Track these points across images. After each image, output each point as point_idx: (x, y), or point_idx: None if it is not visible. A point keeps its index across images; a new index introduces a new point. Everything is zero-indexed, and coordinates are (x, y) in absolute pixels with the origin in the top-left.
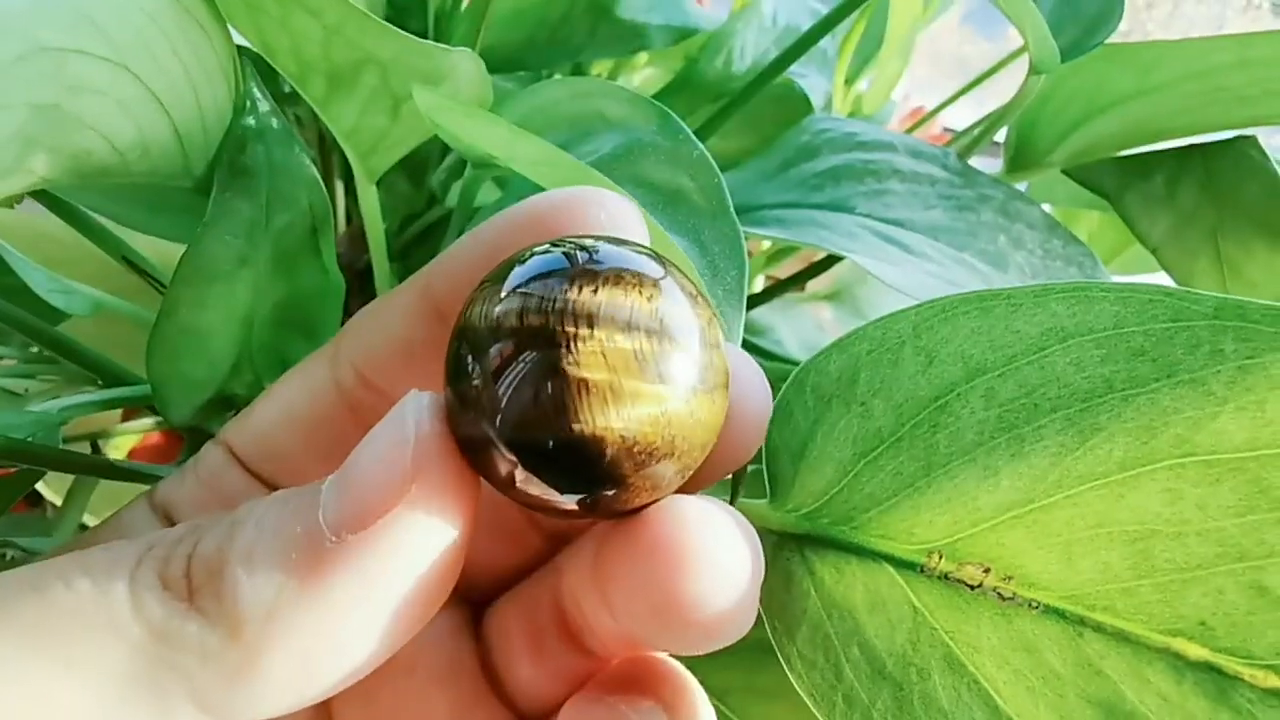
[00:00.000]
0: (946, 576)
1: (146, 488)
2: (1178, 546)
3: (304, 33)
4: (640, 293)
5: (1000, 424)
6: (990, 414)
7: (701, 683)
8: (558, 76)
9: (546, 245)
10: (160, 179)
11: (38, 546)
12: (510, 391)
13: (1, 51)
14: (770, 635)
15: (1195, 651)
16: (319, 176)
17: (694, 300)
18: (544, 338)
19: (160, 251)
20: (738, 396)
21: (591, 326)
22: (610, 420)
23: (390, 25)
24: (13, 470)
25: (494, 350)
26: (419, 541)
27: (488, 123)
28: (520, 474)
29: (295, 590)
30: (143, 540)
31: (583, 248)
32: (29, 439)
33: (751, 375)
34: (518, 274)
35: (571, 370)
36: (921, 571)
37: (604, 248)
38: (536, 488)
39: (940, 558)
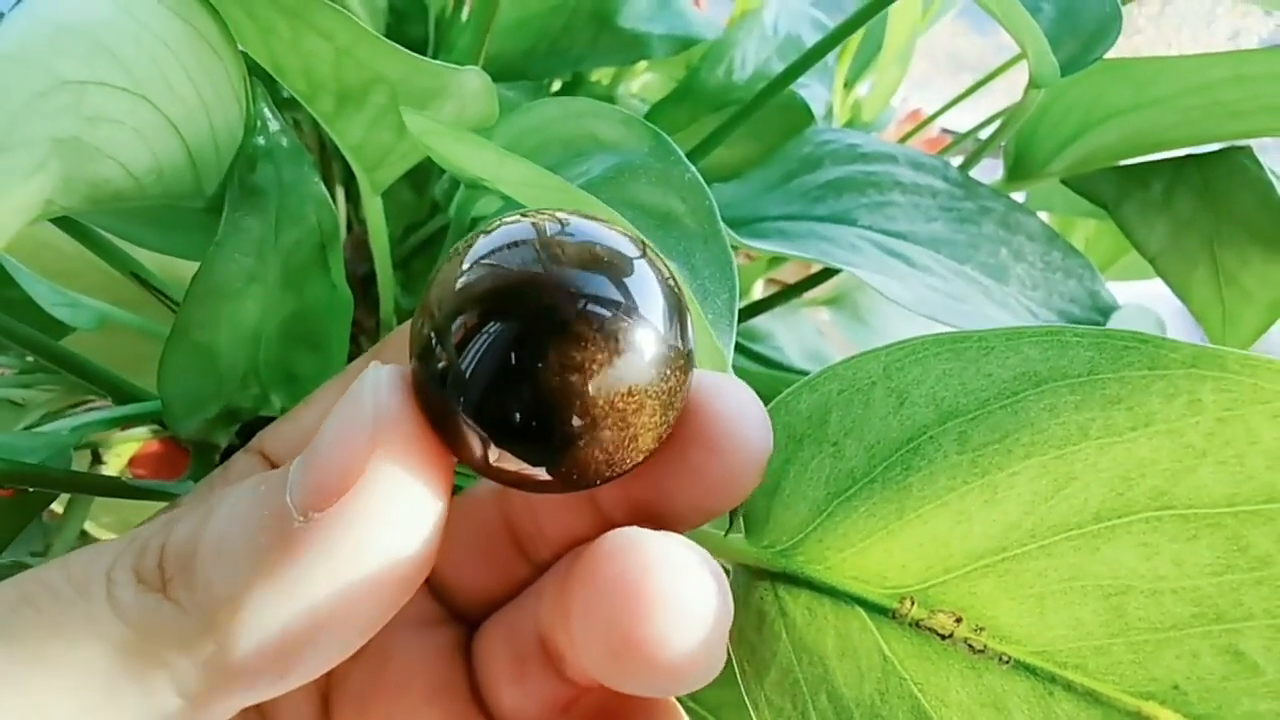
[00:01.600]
0: (918, 624)
1: (159, 504)
2: (1152, 604)
3: (315, 54)
4: (608, 266)
5: (974, 469)
6: (963, 458)
7: (695, 699)
8: (557, 87)
9: (516, 215)
10: (173, 200)
11: None
12: (475, 365)
13: (24, 87)
14: (739, 679)
15: (1167, 717)
16: (327, 194)
17: (664, 280)
18: (508, 310)
19: (163, 264)
20: (739, 432)
21: (556, 300)
22: (576, 391)
23: (399, 46)
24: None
25: (458, 323)
26: (386, 516)
27: (475, 146)
28: (493, 450)
29: (265, 574)
30: (124, 538)
31: (554, 219)
32: (42, 463)
33: (753, 412)
34: (483, 244)
35: (536, 342)
36: (893, 617)
37: (575, 221)
38: (510, 462)
39: (912, 604)
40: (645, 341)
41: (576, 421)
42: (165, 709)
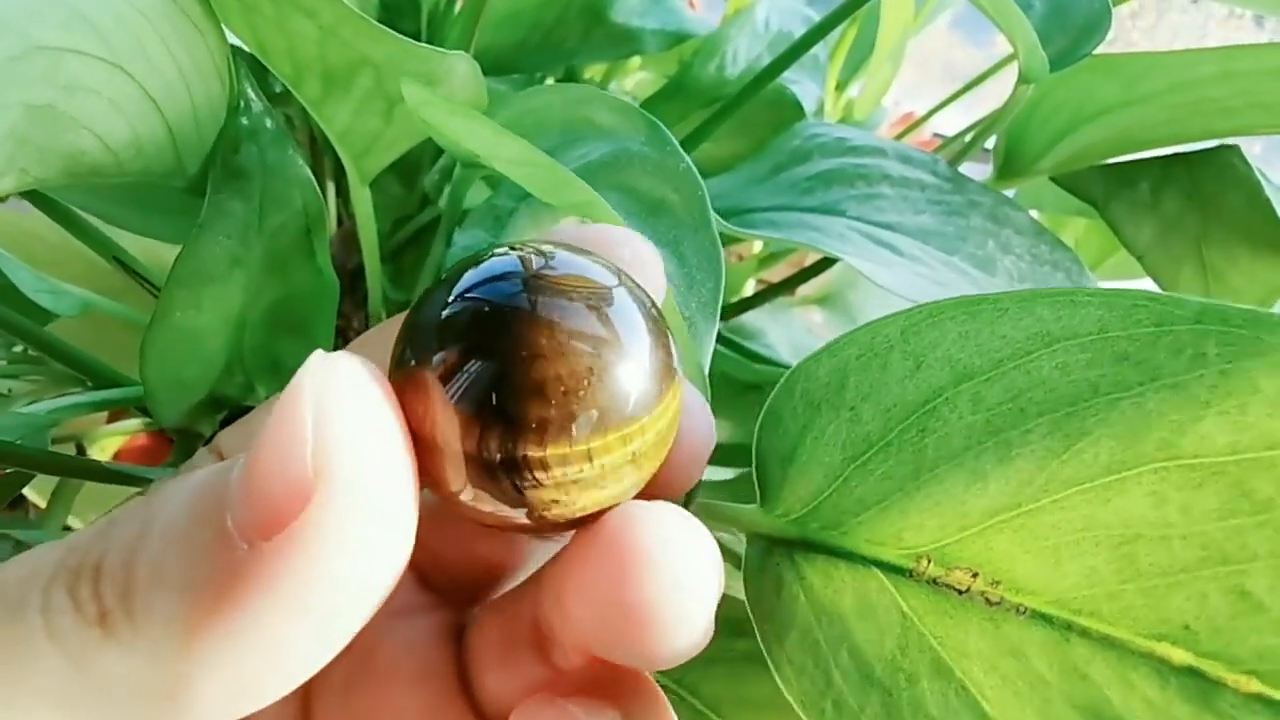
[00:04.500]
0: (935, 581)
1: (134, 490)
2: (1162, 550)
3: (300, 34)
4: (593, 301)
5: (988, 428)
6: (978, 418)
7: (692, 693)
8: (550, 80)
9: (505, 248)
10: (153, 179)
11: (33, 539)
12: (455, 401)
13: None
14: (760, 641)
15: (1179, 656)
16: (312, 177)
17: (646, 310)
18: (492, 345)
19: (148, 251)
20: (682, 428)
21: (541, 334)
22: (560, 432)
23: (386, 28)
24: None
25: (439, 357)
26: (343, 543)
27: (472, 121)
28: (468, 491)
29: (210, 609)
30: (60, 547)
31: (539, 253)
32: (18, 442)
33: (696, 408)
34: (470, 276)
35: (519, 380)
36: (910, 576)
37: (560, 254)
38: (486, 504)
39: (929, 562)
40: (631, 380)
41: (559, 466)
42: None
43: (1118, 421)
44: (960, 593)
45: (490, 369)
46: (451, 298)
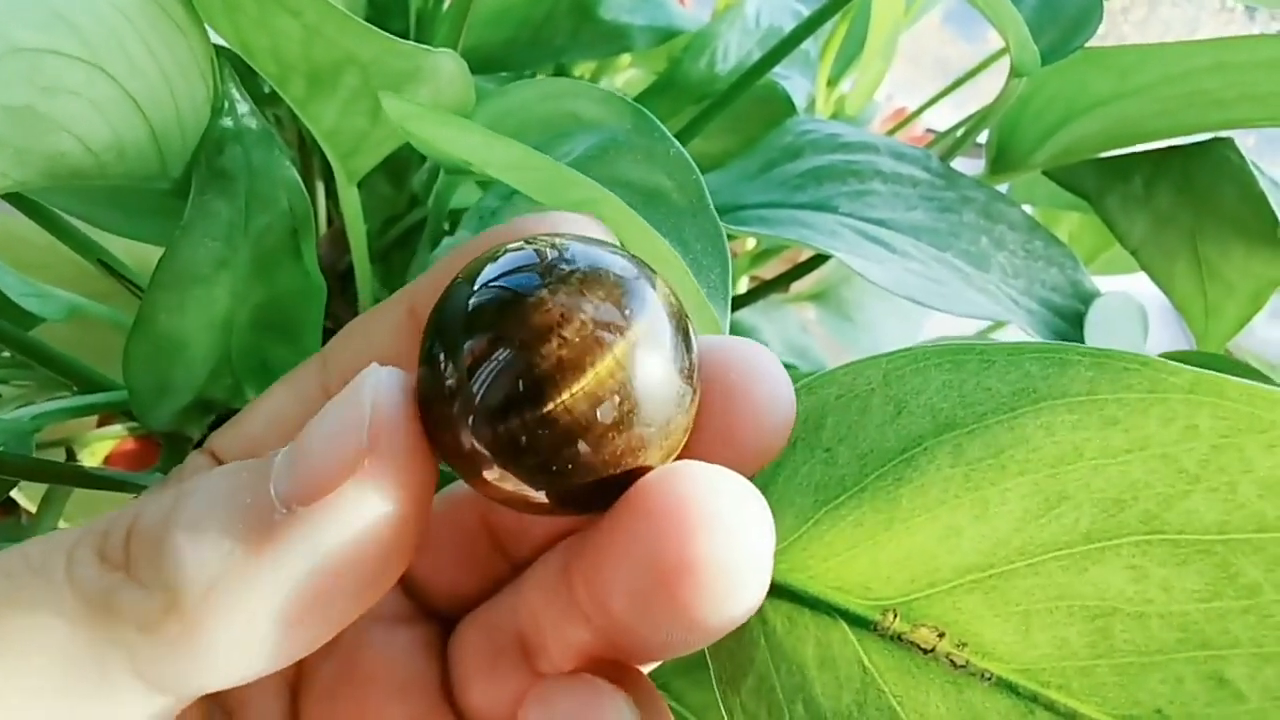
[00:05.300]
0: (899, 637)
1: (121, 495)
2: (1139, 628)
3: (283, 32)
4: (611, 289)
5: (966, 483)
6: (956, 471)
7: (679, 699)
8: (539, 77)
9: (520, 242)
10: (136, 181)
11: None
12: (483, 390)
13: None
14: (715, 684)
15: None
16: (299, 178)
17: (666, 297)
18: (515, 336)
19: (135, 254)
20: (760, 394)
21: (563, 324)
22: (584, 418)
23: (371, 26)
24: None
25: (466, 348)
26: (370, 517)
27: (461, 129)
28: (495, 472)
29: (240, 561)
30: (87, 523)
31: (554, 246)
32: (0, 448)
33: (776, 368)
34: (490, 270)
35: (543, 368)
36: (875, 630)
37: (575, 246)
38: (511, 484)
39: (895, 617)
40: (653, 365)
41: (583, 447)
42: (120, 690)
43: (1101, 488)
44: (925, 652)
45: (512, 362)
46: (475, 290)
